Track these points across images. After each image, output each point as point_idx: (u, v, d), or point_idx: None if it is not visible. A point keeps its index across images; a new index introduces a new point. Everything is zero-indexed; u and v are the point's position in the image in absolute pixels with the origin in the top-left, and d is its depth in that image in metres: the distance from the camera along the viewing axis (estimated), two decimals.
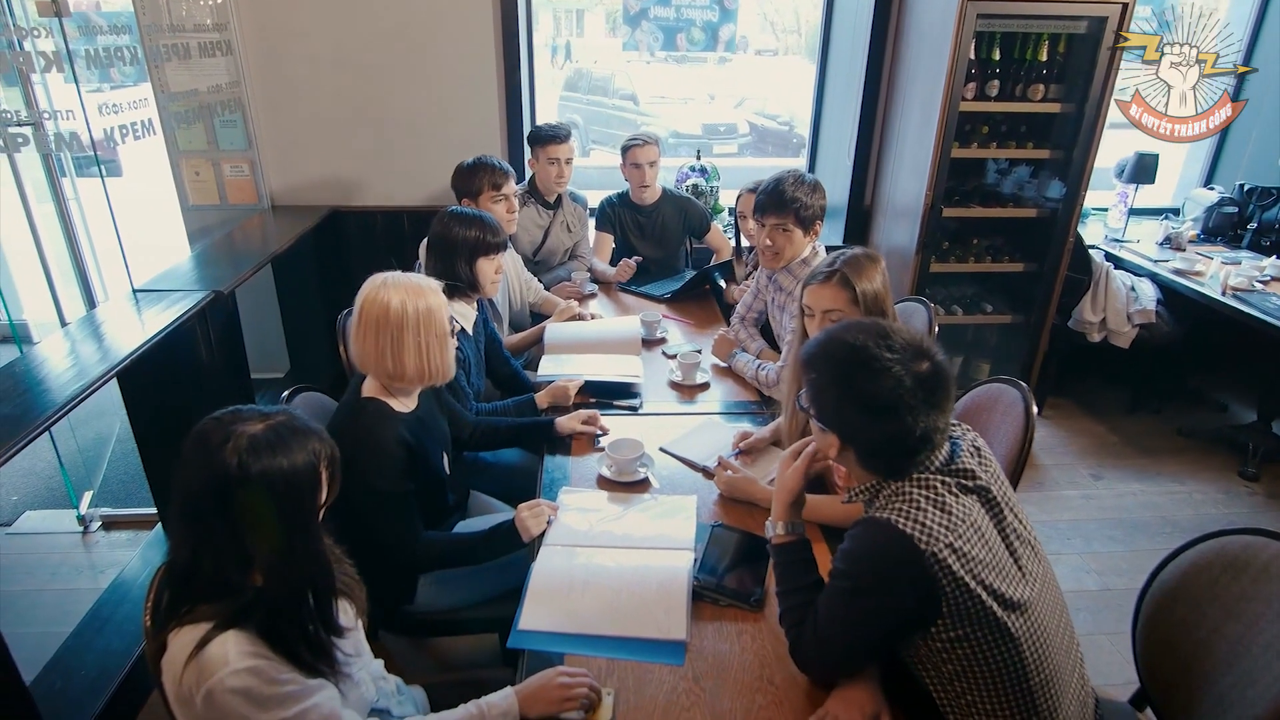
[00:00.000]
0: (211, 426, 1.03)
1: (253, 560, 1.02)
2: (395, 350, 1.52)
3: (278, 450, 1.02)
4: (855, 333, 1.17)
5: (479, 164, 2.46)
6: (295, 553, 1.04)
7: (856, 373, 1.13)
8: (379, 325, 1.51)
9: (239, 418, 1.05)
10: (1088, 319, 3.40)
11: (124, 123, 2.57)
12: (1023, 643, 1.11)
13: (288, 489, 1.02)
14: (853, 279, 1.69)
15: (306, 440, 1.06)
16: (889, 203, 3.45)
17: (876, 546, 1.11)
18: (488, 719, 1.17)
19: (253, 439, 1.02)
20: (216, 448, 1.00)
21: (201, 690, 0.97)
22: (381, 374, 1.56)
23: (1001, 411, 1.84)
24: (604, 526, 1.62)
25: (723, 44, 3.74)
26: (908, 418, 1.10)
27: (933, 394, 1.12)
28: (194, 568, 1.01)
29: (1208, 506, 3.00)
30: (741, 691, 1.24)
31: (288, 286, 3.44)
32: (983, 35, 2.96)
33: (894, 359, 1.11)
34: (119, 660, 2.00)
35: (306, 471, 1.05)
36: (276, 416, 1.06)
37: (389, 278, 1.56)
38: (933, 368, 1.13)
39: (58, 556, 2.61)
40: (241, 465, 1.00)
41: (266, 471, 1.00)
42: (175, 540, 1.04)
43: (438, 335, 1.56)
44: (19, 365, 1.93)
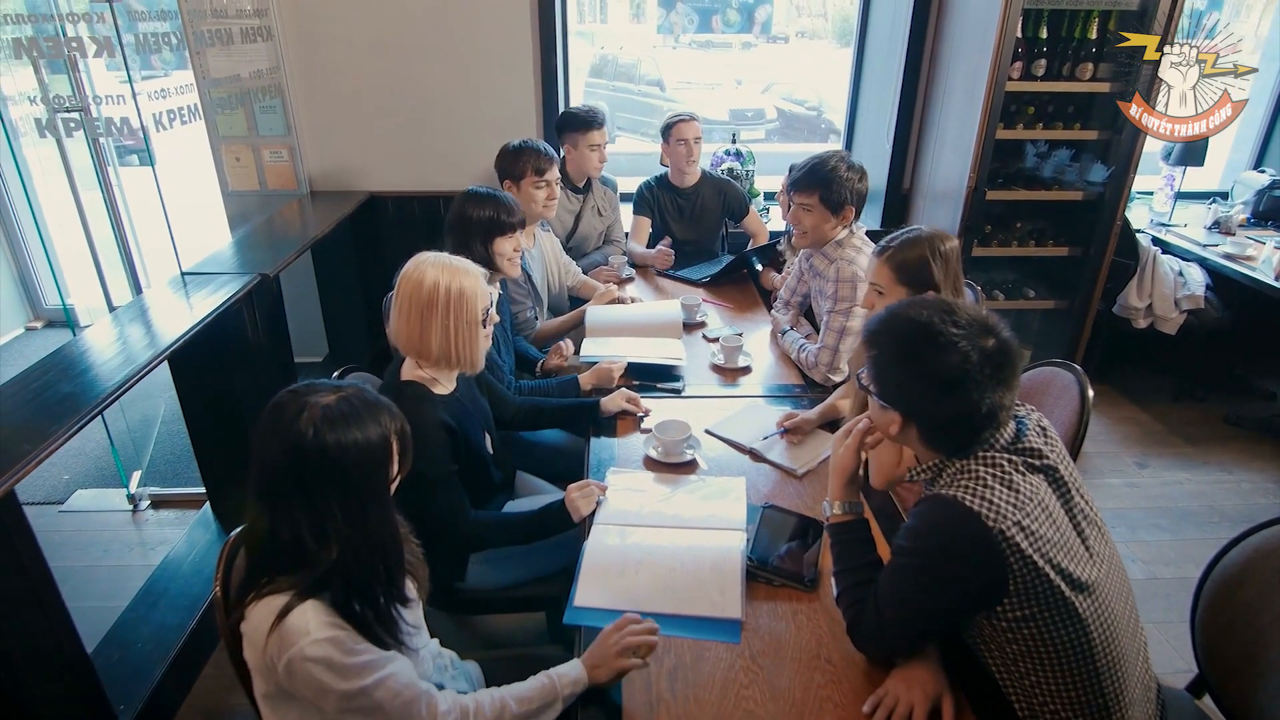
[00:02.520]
0: (287, 399, 1.05)
1: (329, 531, 1.03)
2: (424, 327, 1.52)
3: (351, 421, 1.03)
4: (920, 309, 1.15)
5: (525, 147, 2.46)
6: (370, 523, 1.05)
7: (922, 348, 1.11)
8: (412, 299, 1.51)
9: (313, 389, 1.06)
10: (1133, 304, 3.33)
11: (171, 108, 2.60)
12: (1090, 624, 1.10)
13: (361, 459, 1.04)
14: (896, 252, 1.68)
15: (378, 413, 1.07)
16: (929, 186, 3.40)
17: (943, 523, 1.10)
18: (559, 687, 1.18)
19: (326, 409, 1.03)
20: (292, 419, 1.02)
21: (283, 659, 0.99)
22: (412, 351, 1.56)
23: (1055, 395, 1.81)
24: (654, 507, 1.62)
25: (758, 26, 3.69)
26: (974, 394, 1.09)
27: (999, 370, 1.10)
28: (273, 538, 1.03)
29: (1257, 496, 2.93)
30: (799, 670, 1.24)
31: (326, 271, 3.48)
32: (1030, 12, 2.90)
33: (960, 334, 1.10)
34: (174, 634, 2.05)
35: (379, 443, 1.06)
36: (349, 389, 1.08)
37: (431, 255, 1.56)
38: (999, 344, 1.11)
39: (109, 534, 2.68)
40: (317, 435, 1.01)
41: (341, 442, 1.02)
42: (254, 512, 1.06)
43: (468, 321, 1.54)
44: (73, 348, 1.97)
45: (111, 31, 2.31)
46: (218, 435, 2.47)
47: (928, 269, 1.65)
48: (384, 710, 1.05)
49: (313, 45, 3.17)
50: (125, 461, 2.87)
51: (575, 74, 3.48)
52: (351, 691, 1.02)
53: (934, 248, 1.66)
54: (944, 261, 1.66)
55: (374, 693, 1.03)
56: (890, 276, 1.69)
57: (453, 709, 1.12)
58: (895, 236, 1.72)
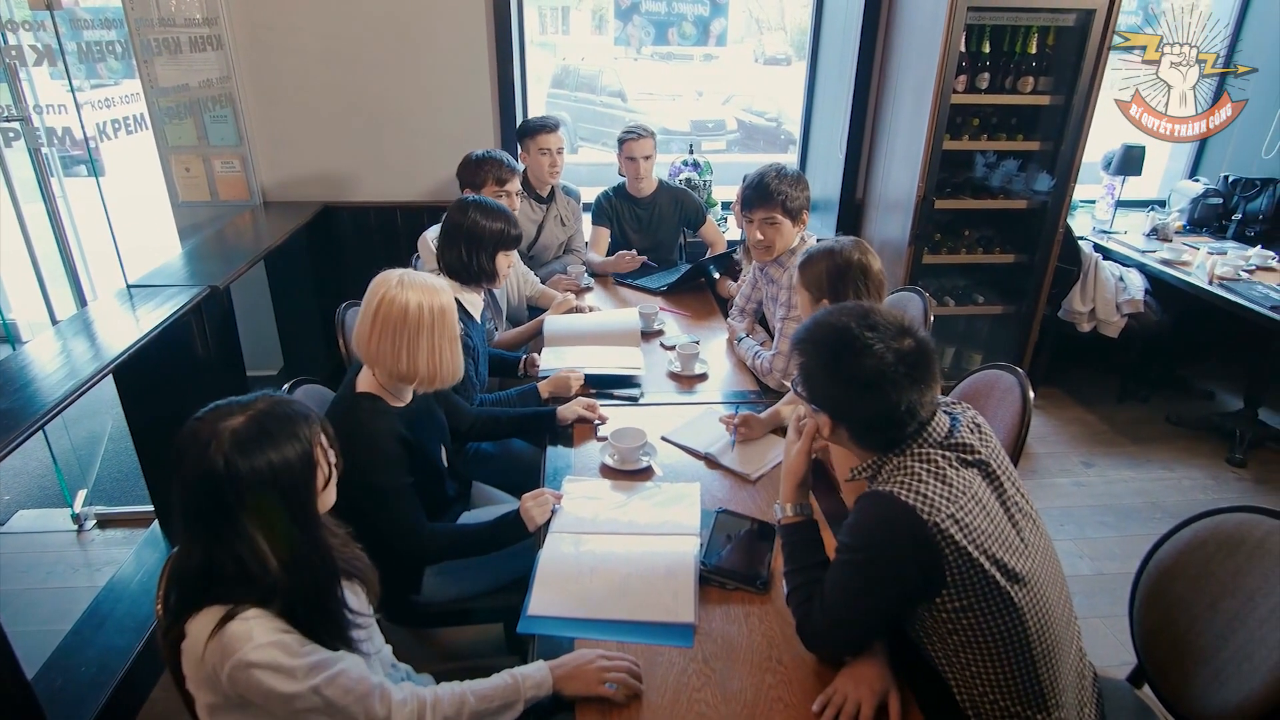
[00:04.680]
0: (196, 427, 1.01)
1: (263, 552, 1.01)
2: (411, 351, 1.51)
3: (264, 443, 1.00)
4: (839, 315, 1.22)
5: (488, 158, 2.48)
6: (298, 540, 1.03)
7: (841, 353, 1.17)
8: (396, 326, 1.49)
9: (220, 413, 1.02)
10: (1077, 309, 3.44)
11: (116, 117, 2.55)
12: (1025, 613, 1.13)
13: (279, 479, 1.01)
14: (800, 271, 1.82)
15: (293, 425, 1.04)
16: (881, 196, 3.48)
17: (879, 518, 1.13)
18: (522, 688, 1.17)
19: (235, 435, 0.99)
20: (203, 447, 0.98)
21: (226, 667, 0.97)
22: (395, 374, 1.55)
23: (998, 397, 1.86)
24: (609, 514, 1.63)
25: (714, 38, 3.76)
26: (892, 393, 1.14)
27: (914, 369, 1.15)
28: (209, 567, 1.00)
29: (1196, 492, 3.05)
30: (751, 671, 1.26)
31: (281, 283, 3.42)
32: (973, 28, 3.00)
33: (875, 337, 1.15)
34: (119, 658, 1.99)
35: (298, 459, 1.03)
36: (257, 405, 1.04)
37: (404, 276, 1.54)
38: (915, 344, 1.17)
39: (53, 555, 2.59)
40: (229, 465, 0.98)
41: (255, 466, 0.99)
42: (184, 541, 1.03)
43: (450, 337, 1.55)
44: (12, 362, 1.91)
45: (53, 39, 2.26)
46: (166, 451, 2.38)
47: (831, 281, 1.75)
48: (336, 707, 1.04)
49: (265, 54, 3.14)
50: (70, 480, 2.78)
51: (537, 85, 3.50)
52: (301, 692, 1.00)
53: (833, 262, 1.76)
54: (842, 272, 1.75)
55: (325, 691, 1.02)
56: (805, 296, 1.82)
57: (409, 699, 1.11)
58: (808, 252, 1.82)
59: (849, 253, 1.76)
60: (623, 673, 1.20)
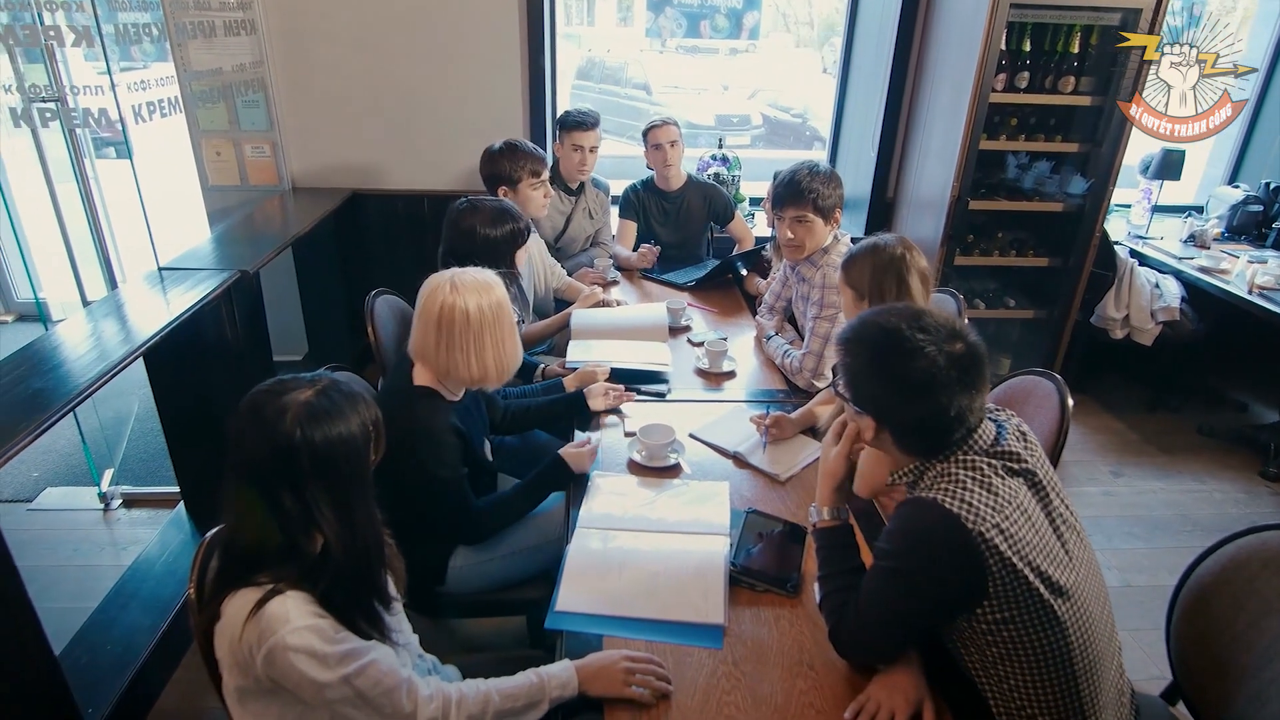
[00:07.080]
0: (264, 398, 1.03)
1: (318, 525, 1.03)
2: (478, 352, 1.52)
3: (335, 416, 1.03)
4: (888, 316, 1.18)
5: (519, 149, 2.43)
6: (356, 514, 1.05)
7: (890, 355, 1.13)
8: (461, 332, 1.51)
9: (287, 386, 1.04)
10: (1111, 315, 3.38)
11: (150, 100, 2.56)
12: (1069, 627, 1.10)
13: (347, 452, 1.03)
14: (845, 266, 1.77)
15: (356, 403, 1.07)
16: (913, 195, 3.43)
17: (922, 526, 1.11)
18: (547, 688, 1.17)
19: (309, 407, 1.02)
20: (275, 418, 1.00)
21: (263, 649, 0.98)
22: (464, 378, 1.56)
23: (1036, 404, 1.82)
24: (637, 511, 1.61)
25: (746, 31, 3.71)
26: (942, 397, 1.11)
27: (966, 373, 1.12)
28: (260, 537, 1.01)
29: (1229, 506, 2.98)
30: (782, 675, 1.24)
31: (308, 269, 3.43)
32: (1014, 26, 2.93)
33: (926, 339, 1.12)
34: (145, 636, 2.01)
35: (361, 434, 1.06)
36: (322, 382, 1.07)
37: (455, 279, 1.53)
38: (966, 348, 1.13)
39: (80, 533, 2.62)
40: (304, 434, 1.00)
41: (328, 437, 1.01)
42: (236, 512, 1.04)
43: (509, 326, 1.57)
44: (44, 343, 1.93)
45: (90, 21, 2.27)
46: (194, 434, 2.43)
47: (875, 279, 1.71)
48: (365, 698, 1.04)
49: (297, 40, 3.14)
50: (97, 459, 2.81)
51: (562, 76, 3.48)
52: (332, 682, 1.01)
53: (878, 260, 1.71)
54: (886, 269, 1.71)
55: (355, 681, 1.03)
56: (849, 294, 1.77)
57: (435, 696, 1.11)
58: (850, 251, 1.78)
59: (893, 249, 1.72)
60: (648, 675, 1.19)
